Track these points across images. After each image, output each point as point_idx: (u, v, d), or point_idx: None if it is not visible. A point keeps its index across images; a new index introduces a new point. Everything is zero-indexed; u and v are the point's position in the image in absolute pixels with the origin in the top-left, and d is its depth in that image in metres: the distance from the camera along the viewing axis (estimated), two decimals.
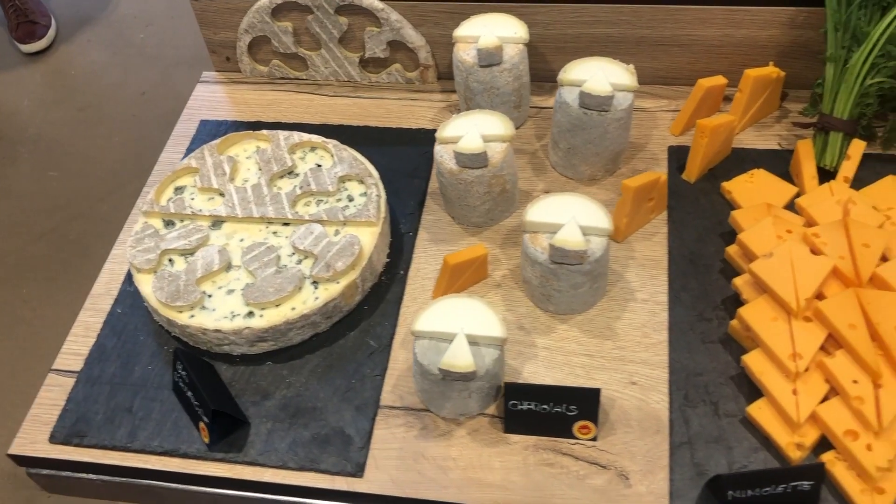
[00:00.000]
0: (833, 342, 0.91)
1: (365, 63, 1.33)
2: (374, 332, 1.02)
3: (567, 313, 1.02)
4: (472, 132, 1.04)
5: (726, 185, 1.11)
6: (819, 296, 0.93)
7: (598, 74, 1.07)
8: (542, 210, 0.98)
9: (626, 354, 0.98)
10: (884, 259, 0.96)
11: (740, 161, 1.15)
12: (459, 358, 0.87)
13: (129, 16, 2.92)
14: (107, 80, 2.69)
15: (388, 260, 1.09)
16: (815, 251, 0.97)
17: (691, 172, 1.13)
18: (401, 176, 1.19)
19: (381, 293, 1.06)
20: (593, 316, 1.02)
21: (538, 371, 0.98)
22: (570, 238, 0.94)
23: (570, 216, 0.96)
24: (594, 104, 1.07)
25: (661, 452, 0.90)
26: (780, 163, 1.14)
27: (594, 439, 0.92)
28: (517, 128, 1.25)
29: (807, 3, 1.13)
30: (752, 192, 1.10)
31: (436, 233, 1.13)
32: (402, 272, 1.08)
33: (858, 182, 1.09)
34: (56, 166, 2.43)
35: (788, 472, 0.81)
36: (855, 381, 0.87)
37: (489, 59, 1.13)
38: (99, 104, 2.63)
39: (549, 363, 0.98)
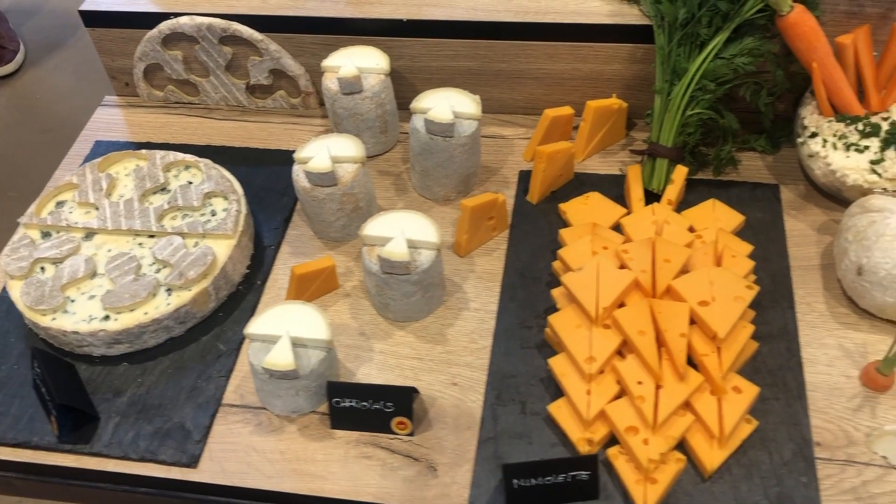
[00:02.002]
0: (629, 347, 0.99)
1: (252, 89, 1.43)
2: (225, 337, 1.11)
3: (404, 321, 1.11)
4: (322, 153, 1.13)
5: (563, 206, 1.20)
6: (622, 306, 1.03)
7: (442, 103, 1.17)
8: (377, 225, 1.07)
9: (452, 358, 1.07)
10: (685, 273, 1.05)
11: (581, 185, 1.25)
12: (281, 357, 0.95)
13: None
14: (71, 104, 2.78)
15: (247, 271, 1.18)
16: (623, 266, 1.06)
17: (533, 194, 1.23)
18: (272, 194, 1.28)
19: (237, 301, 1.15)
20: (429, 323, 1.11)
21: (371, 373, 1.06)
22: (395, 250, 1.03)
23: (399, 230, 1.05)
24: (438, 130, 1.16)
25: (470, 447, 0.98)
26: (617, 187, 1.24)
27: (411, 434, 1.00)
28: (385, 152, 1.34)
29: (644, 41, 1.24)
30: (585, 212, 1.19)
31: (297, 247, 1.22)
32: (259, 282, 1.17)
33: (687, 204, 1.19)
34: (14, 186, 2.51)
35: (565, 462, 0.90)
36: (640, 383, 0.95)
37: (350, 87, 1.23)
38: (62, 127, 2.71)
39: (382, 366, 1.07)
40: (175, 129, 1.42)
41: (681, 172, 1.18)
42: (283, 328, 0.98)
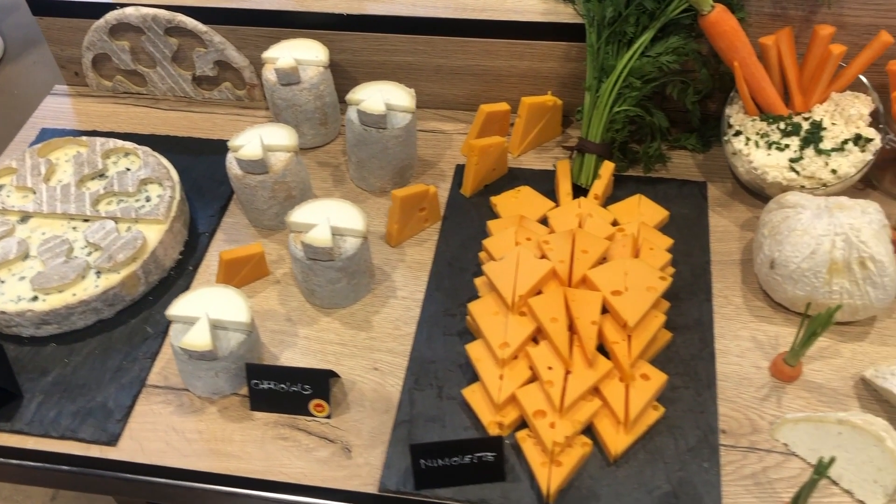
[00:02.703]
0: (543, 334, 1.01)
1: (198, 80, 1.44)
2: (153, 320, 1.12)
3: (331, 307, 1.13)
4: (254, 141, 1.15)
5: (494, 199, 1.23)
6: (540, 294, 1.05)
7: (376, 95, 1.19)
8: (304, 212, 1.09)
9: (375, 344, 1.09)
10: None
11: (514, 179, 1.27)
12: (198, 338, 0.97)
13: None
14: None
15: (179, 257, 1.19)
16: (543, 256, 1.08)
17: (466, 188, 1.25)
18: (211, 182, 1.29)
19: (168, 286, 1.16)
20: (355, 310, 1.13)
21: (294, 357, 1.08)
22: (318, 236, 1.05)
23: (325, 218, 1.07)
24: (371, 122, 1.18)
25: (386, 429, 1.00)
26: (549, 182, 1.26)
27: (329, 417, 1.01)
28: (326, 144, 1.36)
29: (579, 39, 1.26)
30: (515, 205, 1.21)
31: (232, 234, 1.23)
32: (191, 268, 1.19)
33: (616, 199, 1.22)
34: None
35: (471, 443, 0.91)
36: (550, 368, 0.97)
37: (287, 78, 1.25)
38: None
39: (306, 350, 1.09)
40: (121, 118, 1.44)
41: (607, 168, 1.20)
42: (204, 310, 1.00)
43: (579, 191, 1.22)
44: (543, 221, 1.18)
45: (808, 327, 0.95)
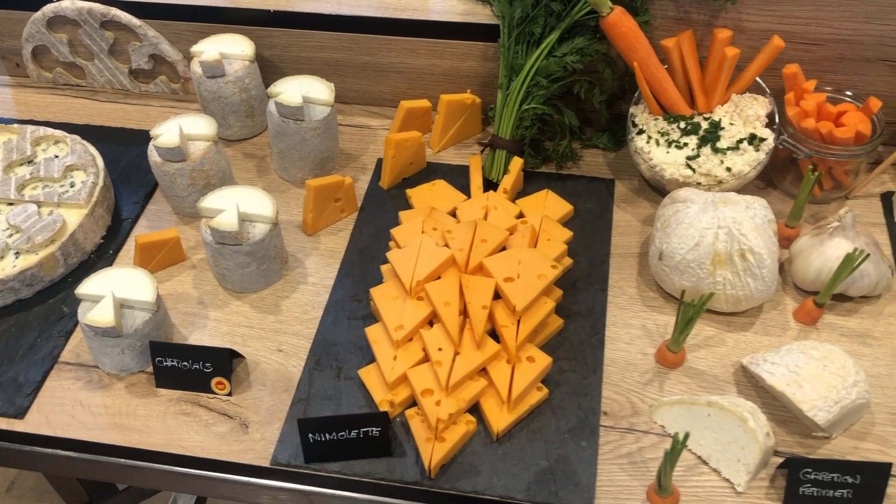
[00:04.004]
0: (438, 318, 1.06)
1: (135, 73, 1.49)
2: (70, 301, 1.16)
3: (242, 291, 1.17)
4: (172, 130, 1.19)
5: (409, 191, 1.27)
6: (438, 280, 1.09)
7: (294, 88, 1.23)
8: (215, 199, 1.13)
9: (282, 327, 1.13)
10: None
11: (431, 173, 1.32)
12: (101, 315, 1.01)
13: None
14: None
15: (101, 241, 1.23)
16: (446, 245, 1.13)
17: (384, 180, 1.30)
18: (139, 171, 1.34)
19: (88, 269, 1.20)
20: (266, 295, 1.17)
21: (203, 338, 1.12)
22: (225, 221, 1.09)
23: (234, 204, 1.11)
24: (288, 113, 1.23)
25: (283, 407, 1.04)
26: (465, 177, 1.30)
27: (230, 394, 1.05)
28: (254, 136, 1.40)
29: (495, 39, 1.31)
30: (428, 198, 1.26)
31: (154, 220, 1.27)
32: (112, 252, 1.23)
33: (526, 194, 1.26)
34: None
35: (356, 417, 0.95)
36: (440, 349, 1.02)
37: (212, 70, 1.29)
38: None
39: (215, 332, 1.13)
40: (59, 109, 1.48)
41: (516, 164, 1.25)
42: (110, 289, 1.04)
43: (491, 185, 1.27)
44: (455, 214, 1.23)
45: (683, 314, 1.00)
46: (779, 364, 0.99)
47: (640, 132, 1.22)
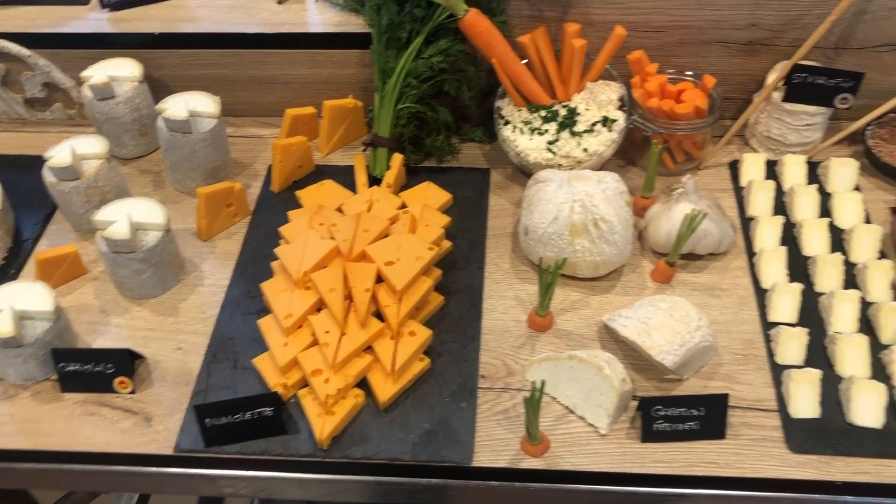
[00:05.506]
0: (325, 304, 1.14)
1: (31, 102, 1.54)
2: None
3: (141, 297, 1.23)
4: (64, 151, 1.25)
5: (299, 192, 1.35)
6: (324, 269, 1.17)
7: (179, 104, 1.31)
8: (108, 211, 1.20)
9: (181, 327, 1.19)
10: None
11: (320, 174, 1.40)
12: (0, 326, 1.06)
13: None
14: None
15: (3, 262, 1.28)
16: (332, 238, 1.21)
17: (275, 184, 1.37)
18: (38, 194, 1.38)
19: None
20: (164, 299, 1.23)
21: (106, 343, 1.18)
22: (118, 230, 1.15)
23: (125, 214, 1.18)
24: (176, 127, 1.30)
25: (184, 399, 1.11)
26: (352, 175, 1.39)
27: (133, 392, 1.12)
28: (149, 153, 1.47)
29: (369, 47, 1.40)
30: (317, 197, 1.34)
31: (55, 239, 1.33)
32: (14, 271, 1.28)
33: (409, 186, 1.36)
34: None
35: (249, 400, 1.03)
36: (327, 332, 1.10)
37: (101, 93, 1.36)
38: None
39: (117, 337, 1.19)
40: None
41: (397, 159, 1.34)
42: (9, 302, 1.09)
43: (376, 181, 1.36)
44: (342, 210, 1.31)
45: (543, 281, 1.10)
46: (631, 318, 1.10)
47: (507, 123, 1.33)
